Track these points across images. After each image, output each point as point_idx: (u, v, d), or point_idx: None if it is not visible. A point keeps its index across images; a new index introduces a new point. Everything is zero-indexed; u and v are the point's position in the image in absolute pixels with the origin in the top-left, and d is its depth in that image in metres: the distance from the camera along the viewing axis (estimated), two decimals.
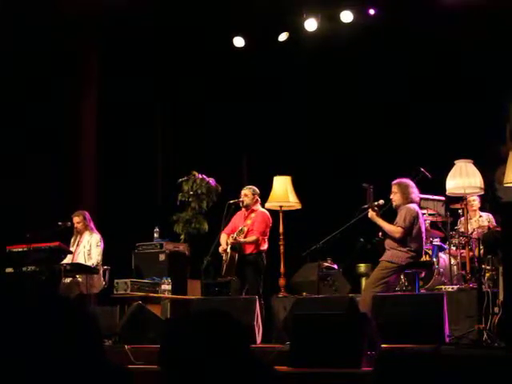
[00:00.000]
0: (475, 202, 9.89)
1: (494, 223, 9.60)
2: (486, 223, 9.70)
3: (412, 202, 8.54)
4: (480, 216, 9.97)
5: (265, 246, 9.40)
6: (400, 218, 8.44)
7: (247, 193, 9.55)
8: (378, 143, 11.70)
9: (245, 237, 9.28)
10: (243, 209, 9.60)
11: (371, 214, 8.57)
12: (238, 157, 13.03)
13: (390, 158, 11.02)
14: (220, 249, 9.38)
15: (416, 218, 8.41)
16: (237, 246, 9.25)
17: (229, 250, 9.23)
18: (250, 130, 12.85)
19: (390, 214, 8.74)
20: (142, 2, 11.31)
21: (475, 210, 9.94)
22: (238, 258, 9.23)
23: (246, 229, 9.21)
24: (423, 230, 8.59)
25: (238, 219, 9.63)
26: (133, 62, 11.99)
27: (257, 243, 9.32)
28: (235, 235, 9.20)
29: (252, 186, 9.67)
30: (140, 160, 12.33)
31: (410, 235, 8.40)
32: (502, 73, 10.67)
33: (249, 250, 9.32)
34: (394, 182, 8.64)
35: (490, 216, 9.94)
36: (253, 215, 9.47)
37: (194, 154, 12.24)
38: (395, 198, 8.59)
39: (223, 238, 9.48)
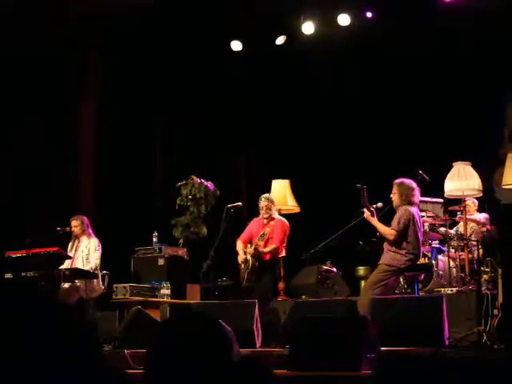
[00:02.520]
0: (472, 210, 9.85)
1: (485, 221, 9.58)
2: (476, 227, 9.65)
3: (411, 203, 8.52)
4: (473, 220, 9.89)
5: (283, 253, 9.44)
6: (395, 220, 8.44)
7: (268, 205, 9.50)
8: (377, 146, 11.70)
9: (265, 242, 9.29)
10: (261, 216, 9.60)
11: (366, 214, 8.59)
12: (237, 160, 13.03)
13: (388, 161, 11.02)
14: (239, 258, 9.38)
15: (412, 220, 8.39)
16: (258, 255, 9.28)
17: (249, 258, 9.25)
18: (249, 134, 12.85)
19: (388, 216, 8.75)
20: (142, 3, 11.31)
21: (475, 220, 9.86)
22: (258, 266, 9.27)
23: (267, 233, 9.22)
24: (421, 232, 8.58)
25: (254, 226, 9.63)
26: (133, 63, 11.99)
27: (276, 251, 9.36)
28: (258, 241, 9.21)
29: (268, 196, 9.66)
30: (139, 164, 12.32)
31: (406, 238, 8.39)
32: (500, 74, 10.68)
33: (267, 256, 9.35)
34: (395, 181, 8.62)
35: (482, 216, 9.84)
36: (272, 223, 9.47)
37: (193, 158, 12.23)
38: (394, 198, 8.59)
39: (239, 245, 9.50)
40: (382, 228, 8.50)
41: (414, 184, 8.61)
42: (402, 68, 11.43)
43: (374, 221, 8.57)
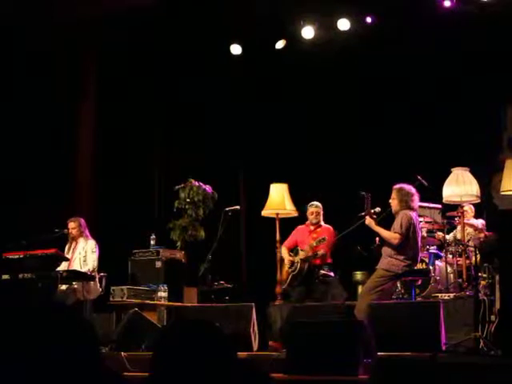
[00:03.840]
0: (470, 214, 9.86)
1: (482, 227, 9.58)
2: (473, 232, 9.65)
3: (411, 209, 8.53)
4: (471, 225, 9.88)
5: (330, 259, 9.68)
6: (397, 224, 8.44)
7: (319, 211, 9.87)
8: (375, 151, 11.70)
9: (315, 248, 9.49)
10: (309, 222, 9.86)
11: (369, 220, 8.59)
12: (235, 164, 13.02)
13: (387, 166, 11.02)
14: (286, 260, 9.64)
15: (412, 224, 8.40)
16: (308, 259, 9.47)
17: (297, 262, 9.47)
18: (248, 137, 12.84)
19: (387, 221, 8.75)
20: (142, 4, 11.30)
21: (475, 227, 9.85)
22: (306, 270, 9.47)
23: (326, 237, 9.40)
24: (419, 237, 8.59)
25: (299, 234, 9.89)
26: (133, 63, 12.00)
27: (325, 256, 9.56)
28: (314, 243, 9.38)
29: (317, 204, 9.95)
30: (137, 166, 12.32)
31: (408, 241, 8.40)
32: (499, 79, 10.69)
33: (317, 262, 9.58)
34: (395, 186, 8.63)
35: (479, 222, 9.84)
36: (319, 230, 9.75)
37: (192, 161, 12.22)
38: (393, 203, 8.60)
39: (284, 250, 9.79)
40: (385, 234, 8.50)
41: (413, 189, 8.62)
42: (402, 73, 11.43)
43: (377, 228, 8.59)
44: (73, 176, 12.04)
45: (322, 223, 9.89)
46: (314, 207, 9.90)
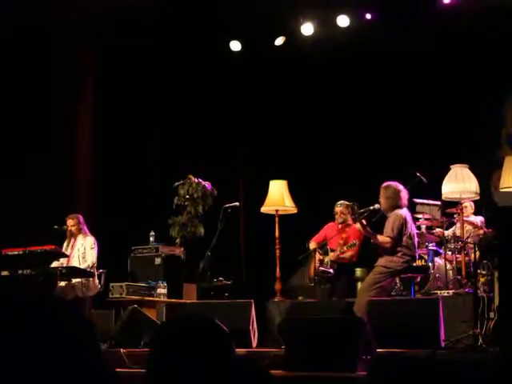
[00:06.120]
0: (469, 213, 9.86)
1: (481, 224, 9.59)
2: (472, 229, 9.66)
3: (400, 206, 8.53)
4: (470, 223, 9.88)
5: (355, 258, 9.76)
6: (388, 226, 8.44)
7: (343, 211, 9.85)
8: (374, 147, 11.70)
9: (342, 245, 9.57)
10: (336, 221, 9.95)
11: (358, 226, 8.70)
12: (235, 160, 13.02)
13: (386, 162, 11.02)
14: (317, 258, 9.65)
15: (404, 224, 8.40)
16: (338, 259, 9.58)
17: (327, 260, 9.57)
18: (247, 134, 12.85)
19: (384, 218, 8.76)
20: (142, 3, 11.29)
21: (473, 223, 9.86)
22: (335, 270, 9.59)
23: (356, 242, 9.45)
24: (414, 234, 8.59)
25: (329, 230, 9.97)
26: (133, 62, 11.99)
27: (353, 256, 9.66)
28: (345, 248, 9.48)
29: (343, 202, 9.94)
30: (136, 163, 12.31)
31: (401, 242, 8.41)
32: (499, 75, 10.69)
33: (346, 260, 9.67)
34: (382, 185, 8.64)
35: (478, 219, 9.84)
36: (347, 229, 9.79)
37: (191, 158, 12.23)
38: (382, 202, 8.60)
39: (313, 246, 9.82)
40: (377, 238, 8.51)
41: (400, 186, 8.62)
42: (401, 69, 11.44)
43: (368, 233, 8.61)
44: (73, 173, 12.04)
45: (351, 222, 9.92)
46: (339, 206, 9.92)
